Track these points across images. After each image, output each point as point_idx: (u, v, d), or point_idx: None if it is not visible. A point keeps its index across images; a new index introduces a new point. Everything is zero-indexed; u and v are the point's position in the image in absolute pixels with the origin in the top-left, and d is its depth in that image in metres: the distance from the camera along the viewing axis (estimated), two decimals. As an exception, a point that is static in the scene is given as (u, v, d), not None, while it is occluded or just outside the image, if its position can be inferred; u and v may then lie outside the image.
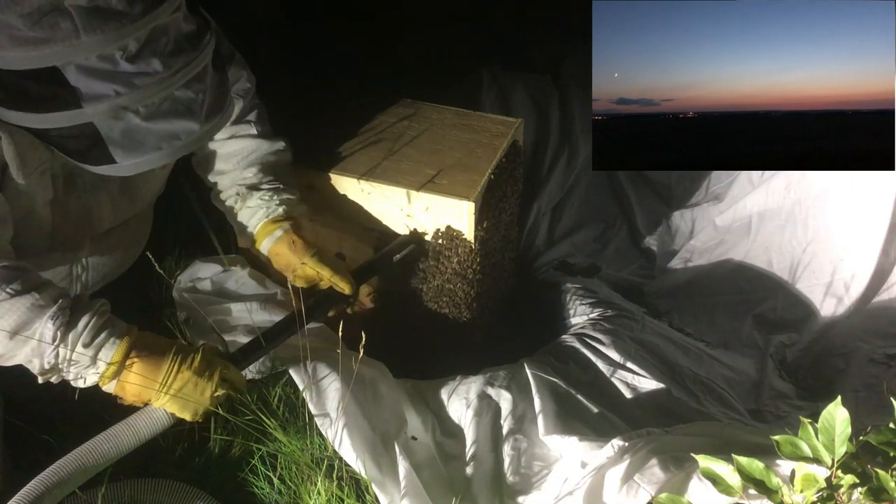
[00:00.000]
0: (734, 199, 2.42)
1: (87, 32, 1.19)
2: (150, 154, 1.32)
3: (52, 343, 1.35)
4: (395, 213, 1.85)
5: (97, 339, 1.39)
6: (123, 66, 1.23)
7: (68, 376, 1.41)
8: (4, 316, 1.33)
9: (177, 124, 1.31)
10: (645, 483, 1.41)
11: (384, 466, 1.58)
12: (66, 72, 1.22)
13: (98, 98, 1.23)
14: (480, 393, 1.79)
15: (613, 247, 2.57)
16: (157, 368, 1.42)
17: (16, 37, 1.18)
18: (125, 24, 1.21)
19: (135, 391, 1.43)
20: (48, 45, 1.19)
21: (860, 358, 2.10)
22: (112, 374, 1.41)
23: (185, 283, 2.03)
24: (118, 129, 1.28)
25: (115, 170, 1.34)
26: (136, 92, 1.24)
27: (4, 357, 1.37)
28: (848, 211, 2.21)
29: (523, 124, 2.06)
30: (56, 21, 1.17)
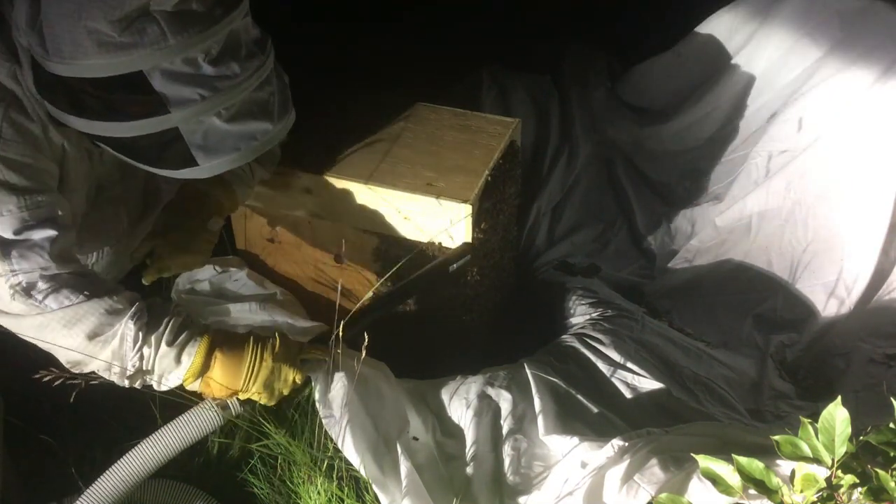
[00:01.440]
0: (734, 199, 2.42)
1: (173, 35, 1.23)
2: (230, 155, 1.36)
3: (134, 344, 1.37)
4: (393, 216, 1.85)
5: (179, 338, 1.41)
6: (206, 69, 1.27)
7: (151, 378, 1.43)
8: (81, 320, 1.35)
9: (253, 125, 1.36)
10: (645, 483, 1.41)
11: (386, 466, 1.58)
12: (152, 77, 1.25)
13: (184, 102, 1.27)
14: (480, 393, 1.79)
15: (613, 247, 2.56)
16: (239, 362, 1.45)
17: (104, 42, 1.21)
18: (208, 27, 1.26)
19: (220, 387, 1.46)
20: (136, 50, 1.22)
21: (860, 358, 2.10)
22: (196, 373, 1.43)
23: (183, 284, 2.04)
24: (200, 132, 1.31)
25: (195, 172, 1.37)
26: (219, 95, 1.29)
27: (81, 363, 1.39)
28: (848, 211, 2.21)
29: (521, 124, 2.06)
30: (143, 26, 1.21)
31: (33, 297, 1.33)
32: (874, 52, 2.18)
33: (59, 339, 1.35)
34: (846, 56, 2.23)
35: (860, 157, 2.19)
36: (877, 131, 2.16)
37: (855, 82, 2.20)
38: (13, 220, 1.33)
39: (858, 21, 2.24)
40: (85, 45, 1.22)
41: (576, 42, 2.97)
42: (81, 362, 1.39)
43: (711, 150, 2.60)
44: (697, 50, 2.65)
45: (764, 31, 2.45)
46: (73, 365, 1.40)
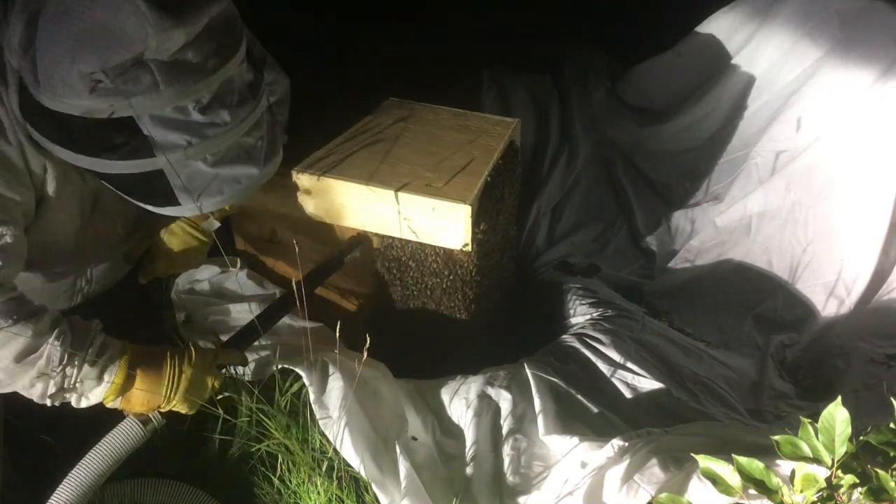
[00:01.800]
0: (734, 199, 2.42)
1: (166, 85, 1.24)
2: (214, 197, 1.37)
3: (59, 364, 1.38)
4: (392, 217, 1.85)
5: (101, 357, 1.43)
6: (195, 116, 1.29)
7: (71, 397, 1.45)
8: (8, 344, 1.36)
9: (238, 169, 1.37)
10: (645, 483, 1.41)
11: (385, 466, 1.58)
12: (141, 121, 1.26)
13: (171, 147, 1.28)
14: (480, 393, 1.79)
15: (613, 247, 2.56)
16: (158, 377, 1.47)
17: (97, 88, 1.22)
18: (201, 78, 1.27)
19: (141, 402, 1.48)
20: (129, 97, 1.24)
21: (860, 358, 2.10)
22: (117, 391, 1.45)
23: (183, 284, 2.04)
24: (185, 174, 1.33)
25: (176, 211, 1.38)
26: (206, 142, 1.30)
27: (4, 383, 1.40)
28: (848, 211, 2.21)
29: (521, 124, 2.06)
30: (137, 74, 1.22)
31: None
32: (874, 52, 2.18)
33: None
34: (846, 56, 2.23)
35: (860, 156, 2.19)
36: (877, 131, 2.16)
37: (855, 82, 2.20)
38: None
39: (858, 21, 2.24)
40: (77, 87, 1.23)
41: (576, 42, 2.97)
42: (2, 382, 1.40)
43: (711, 150, 2.60)
44: (697, 50, 2.66)
45: (764, 31, 2.45)
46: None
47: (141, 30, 1.20)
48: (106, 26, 1.20)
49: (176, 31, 1.23)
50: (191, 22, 1.25)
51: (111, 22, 1.20)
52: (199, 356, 1.51)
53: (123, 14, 1.20)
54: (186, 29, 1.24)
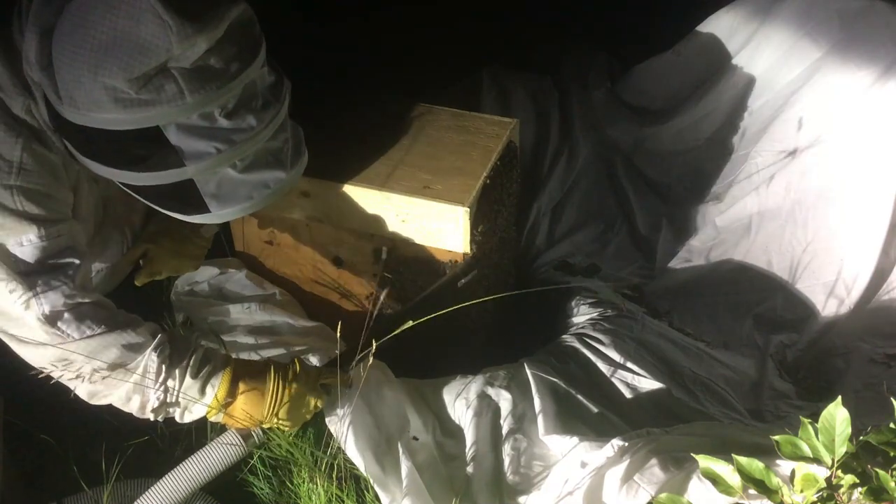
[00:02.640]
0: (734, 199, 2.42)
1: (191, 93, 1.23)
2: (243, 203, 1.37)
3: (157, 377, 1.38)
4: (390, 219, 1.85)
5: (203, 370, 1.43)
6: (221, 122, 1.27)
7: (174, 411, 1.45)
8: (103, 352, 1.36)
9: (267, 174, 1.36)
10: (645, 483, 1.41)
11: (387, 466, 1.58)
12: (168, 131, 1.25)
13: (200, 156, 1.27)
14: (480, 393, 1.79)
15: (613, 247, 2.56)
16: (262, 393, 1.47)
17: (121, 99, 1.21)
18: (225, 83, 1.26)
19: (243, 417, 1.48)
20: (154, 107, 1.22)
21: (860, 358, 2.10)
22: (220, 405, 1.45)
23: (182, 286, 2.04)
24: (214, 182, 1.32)
25: (206, 218, 1.38)
26: (234, 148, 1.29)
27: (100, 394, 1.40)
28: (848, 211, 2.20)
29: (520, 124, 2.06)
30: (161, 84, 1.21)
31: (58, 326, 1.34)
32: (874, 52, 2.18)
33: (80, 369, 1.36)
34: (846, 56, 2.22)
35: (860, 157, 2.19)
36: (877, 131, 2.16)
37: (855, 82, 2.19)
38: (34, 250, 1.34)
39: (858, 21, 2.24)
40: (101, 100, 1.22)
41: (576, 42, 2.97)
42: (98, 394, 1.40)
43: (711, 150, 2.60)
44: (697, 50, 2.65)
45: (764, 31, 2.45)
46: (90, 396, 1.41)
47: (164, 38, 1.19)
48: (127, 36, 1.18)
49: (199, 38, 1.21)
50: (212, 27, 1.23)
51: (132, 31, 1.18)
52: (304, 373, 1.51)
53: (144, 22, 1.18)
54: (208, 34, 1.23)
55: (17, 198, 1.32)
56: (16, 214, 1.32)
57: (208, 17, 1.23)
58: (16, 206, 1.32)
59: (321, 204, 1.90)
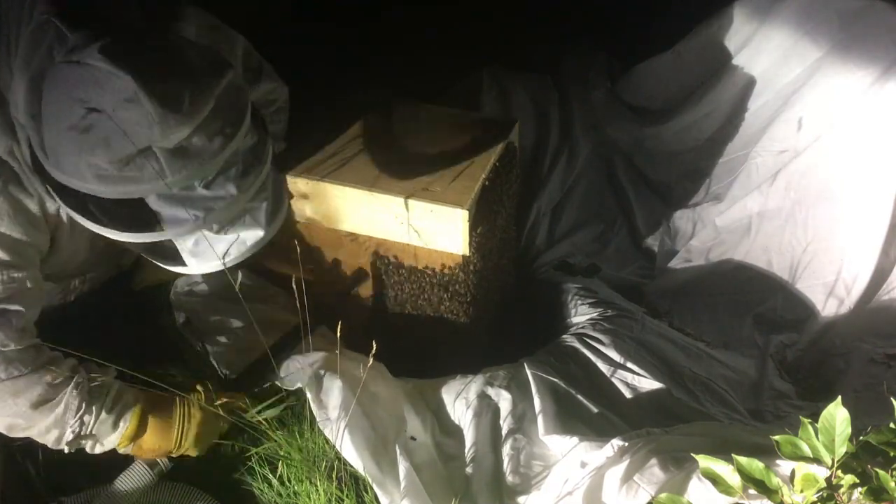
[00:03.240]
0: (734, 199, 2.42)
1: (171, 172, 1.23)
2: (218, 260, 1.39)
3: (76, 413, 1.46)
4: (389, 220, 1.85)
5: (116, 406, 1.51)
6: (200, 192, 1.28)
7: (87, 443, 1.52)
8: (26, 391, 1.42)
9: (244, 233, 1.38)
10: (644, 483, 1.41)
11: (384, 466, 1.58)
12: (148, 199, 1.26)
13: (178, 222, 1.29)
14: (480, 393, 1.79)
15: (613, 247, 2.56)
16: (169, 424, 1.57)
17: (102, 176, 1.22)
18: (206, 160, 1.26)
19: (152, 448, 1.57)
20: (136, 183, 1.24)
21: (860, 358, 2.10)
22: (130, 437, 1.54)
23: (182, 286, 2.04)
24: (192, 240, 1.34)
25: (186, 270, 1.41)
26: (212, 214, 1.30)
27: (19, 427, 1.46)
28: (848, 211, 2.20)
29: (520, 124, 2.06)
30: (143, 163, 1.22)
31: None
32: (874, 52, 2.18)
33: (4, 407, 1.42)
34: (846, 56, 2.22)
35: (860, 157, 2.19)
36: (877, 131, 2.16)
37: (855, 82, 2.19)
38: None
39: (858, 21, 2.24)
40: (84, 174, 1.22)
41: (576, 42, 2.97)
42: (18, 427, 1.46)
43: (711, 150, 2.60)
44: (697, 50, 2.65)
45: (764, 31, 2.45)
46: (10, 429, 1.47)
47: (146, 127, 1.19)
48: (110, 121, 1.18)
49: (182, 127, 1.21)
50: (198, 113, 1.23)
51: (116, 117, 1.18)
52: (208, 403, 1.59)
53: (129, 109, 1.18)
54: (192, 122, 1.22)
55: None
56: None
57: (193, 106, 1.22)
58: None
59: (320, 205, 1.90)
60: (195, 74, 1.24)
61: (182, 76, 1.23)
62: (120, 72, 1.16)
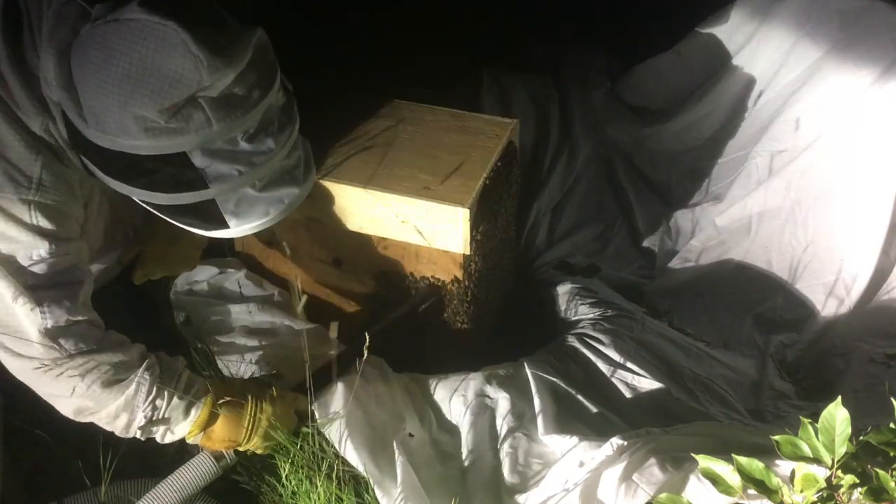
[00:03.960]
0: (734, 199, 2.42)
1: (217, 121, 1.26)
2: (261, 219, 1.41)
3: (147, 395, 1.45)
4: (390, 220, 1.85)
5: (188, 392, 1.51)
6: (243, 146, 1.31)
7: (158, 430, 1.52)
8: (95, 370, 1.42)
9: (282, 191, 1.41)
10: (643, 483, 1.41)
11: (383, 465, 1.58)
12: (193, 155, 1.28)
13: (223, 178, 1.31)
14: (479, 391, 1.79)
15: (613, 247, 2.56)
16: (240, 418, 1.56)
17: (150, 128, 1.23)
18: (248, 110, 1.29)
19: (221, 439, 1.56)
20: (182, 135, 1.25)
21: (860, 358, 2.10)
22: (201, 426, 1.54)
23: (182, 285, 2.04)
24: (234, 200, 1.36)
25: (224, 233, 1.42)
26: (255, 170, 1.33)
27: (88, 410, 1.46)
28: (848, 211, 2.20)
29: (520, 124, 2.06)
30: (190, 113, 1.24)
31: (58, 341, 1.39)
32: (874, 52, 2.18)
33: (71, 386, 1.41)
34: (846, 56, 2.22)
35: (860, 157, 2.19)
36: (877, 131, 2.16)
37: (855, 82, 2.19)
38: (44, 265, 1.37)
39: (858, 21, 2.24)
40: (130, 128, 1.23)
41: (576, 42, 2.97)
42: (86, 410, 1.45)
43: (711, 150, 2.60)
44: (697, 50, 2.65)
45: (764, 31, 2.45)
46: (77, 412, 1.46)
47: (195, 71, 1.21)
48: (157, 68, 1.20)
49: (228, 70, 1.24)
50: (240, 59, 1.27)
51: (163, 63, 1.20)
52: (280, 399, 1.59)
53: (175, 56, 1.20)
54: (236, 66, 1.26)
55: (33, 213, 1.35)
56: (30, 229, 1.35)
57: (235, 49, 1.26)
58: (32, 220, 1.35)
59: (321, 204, 1.90)
60: (231, 26, 1.29)
61: (221, 26, 1.27)
62: (165, 20, 1.19)
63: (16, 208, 1.33)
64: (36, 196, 1.35)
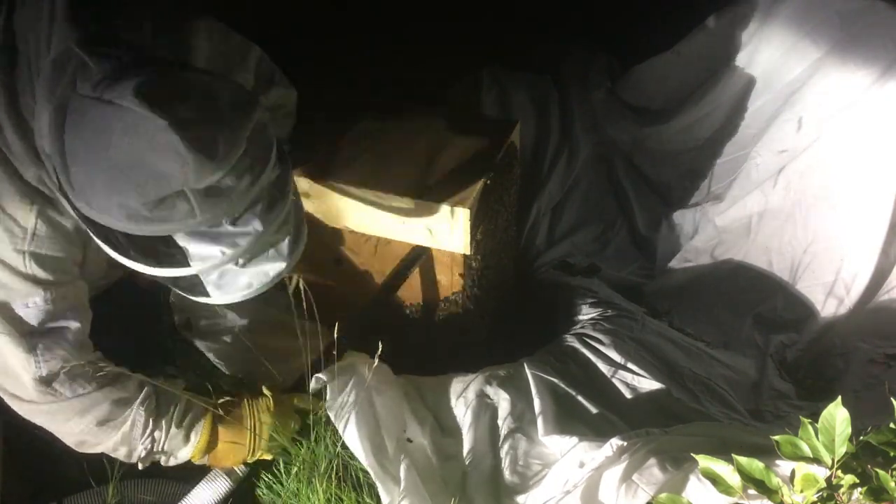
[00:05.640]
0: (734, 199, 2.42)
1: (202, 212, 1.23)
2: (243, 291, 1.40)
3: (144, 430, 1.50)
4: (390, 220, 1.85)
5: (185, 419, 1.54)
6: (227, 228, 1.29)
7: (160, 458, 1.56)
8: (92, 409, 1.46)
9: (267, 266, 1.39)
10: (643, 483, 1.41)
11: (386, 465, 1.58)
12: (176, 236, 1.27)
13: (205, 258, 1.30)
14: (479, 392, 1.79)
15: (613, 247, 2.56)
16: (241, 431, 1.60)
17: (132, 216, 1.22)
18: (235, 199, 1.26)
19: (227, 457, 1.60)
20: (165, 223, 1.23)
21: (860, 358, 2.10)
22: (203, 449, 1.58)
23: (182, 284, 2.04)
24: (216, 274, 1.36)
25: (209, 301, 1.41)
26: (238, 250, 1.31)
27: (88, 444, 1.50)
28: (848, 211, 2.20)
29: (520, 125, 2.06)
30: (174, 204, 1.22)
31: (52, 386, 1.42)
32: (874, 52, 2.18)
33: (70, 425, 1.46)
34: (846, 56, 2.22)
35: (860, 157, 2.19)
36: (877, 131, 2.16)
37: (855, 82, 2.19)
38: (39, 312, 1.39)
39: (858, 21, 2.24)
40: (114, 213, 1.22)
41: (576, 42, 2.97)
42: (87, 444, 1.50)
43: (711, 150, 2.60)
44: (697, 50, 2.65)
45: (764, 31, 2.45)
46: (79, 445, 1.50)
47: (181, 170, 1.18)
48: (145, 163, 1.17)
49: (217, 172, 1.21)
50: (230, 159, 1.23)
51: (150, 160, 1.17)
52: (278, 404, 1.61)
53: (163, 155, 1.17)
54: (226, 165, 1.22)
55: (28, 262, 1.36)
56: (25, 278, 1.37)
57: (227, 150, 1.22)
58: (26, 269, 1.37)
59: (321, 204, 1.90)
60: (226, 118, 1.24)
61: (215, 121, 1.22)
62: (156, 117, 1.15)
63: (11, 258, 1.35)
64: (30, 247, 1.36)
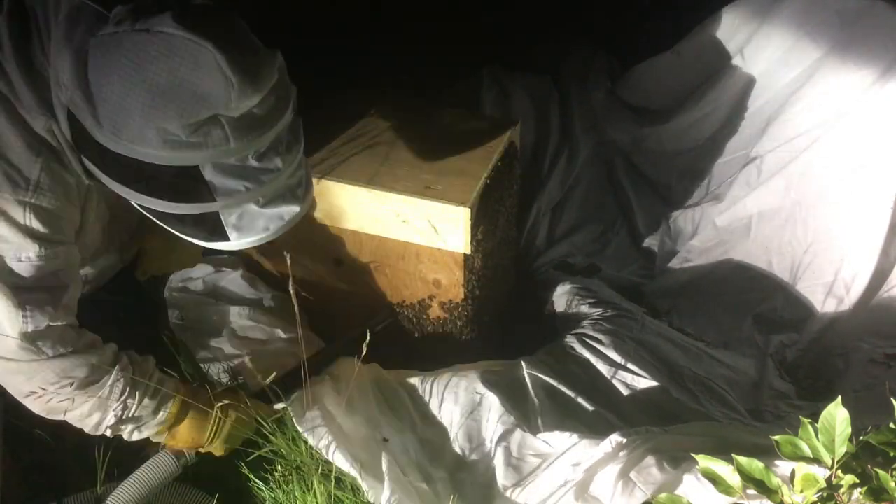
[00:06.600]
0: (734, 199, 2.42)
1: (235, 140, 1.27)
2: (260, 234, 1.42)
3: (121, 395, 1.49)
4: (391, 219, 1.85)
5: (159, 393, 1.54)
6: (252, 163, 1.32)
7: (126, 428, 1.55)
8: (72, 370, 1.45)
9: (283, 208, 1.41)
10: (641, 482, 1.41)
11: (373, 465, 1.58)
12: (204, 169, 1.29)
13: (230, 193, 1.32)
14: (471, 389, 1.78)
15: (613, 247, 2.57)
16: (205, 419, 1.60)
17: (170, 141, 1.24)
18: (265, 131, 1.31)
19: (185, 439, 1.61)
20: (200, 150, 1.26)
21: (860, 358, 2.10)
22: (170, 425, 1.58)
23: (176, 282, 2.05)
24: (237, 213, 1.37)
25: (223, 245, 1.42)
26: (262, 187, 1.34)
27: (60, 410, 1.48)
28: (848, 211, 2.20)
29: (521, 124, 2.06)
30: (210, 129, 1.25)
31: (36, 344, 1.41)
32: (874, 52, 2.18)
33: (47, 386, 1.44)
34: (846, 56, 2.22)
35: (860, 157, 2.19)
36: (877, 131, 2.16)
37: (855, 82, 2.19)
38: (31, 267, 1.38)
39: (858, 21, 2.24)
40: (150, 138, 1.24)
41: (576, 42, 2.97)
42: (58, 409, 1.48)
43: (711, 150, 2.60)
44: (697, 50, 2.65)
45: (764, 31, 2.45)
46: (49, 411, 1.49)
47: (224, 92, 1.21)
48: (187, 84, 1.20)
49: (255, 95, 1.26)
50: (266, 83, 1.28)
51: (193, 80, 1.20)
52: (243, 406, 1.62)
53: (208, 76, 1.20)
54: (262, 90, 1.27)
55: (27, 214, 1.36)
56: (22, 230, 1.36)
57: (264, 73, 1.27)
58: (25, 221, 1.36)
59: (321, 204, 1.90)
60: (260, 49, 1.30)
61: (251, 49, 1.28)
62: (200, 40, 1.19)
63: (11, 208, 1.34)
64: (32, 198, 1.35)
